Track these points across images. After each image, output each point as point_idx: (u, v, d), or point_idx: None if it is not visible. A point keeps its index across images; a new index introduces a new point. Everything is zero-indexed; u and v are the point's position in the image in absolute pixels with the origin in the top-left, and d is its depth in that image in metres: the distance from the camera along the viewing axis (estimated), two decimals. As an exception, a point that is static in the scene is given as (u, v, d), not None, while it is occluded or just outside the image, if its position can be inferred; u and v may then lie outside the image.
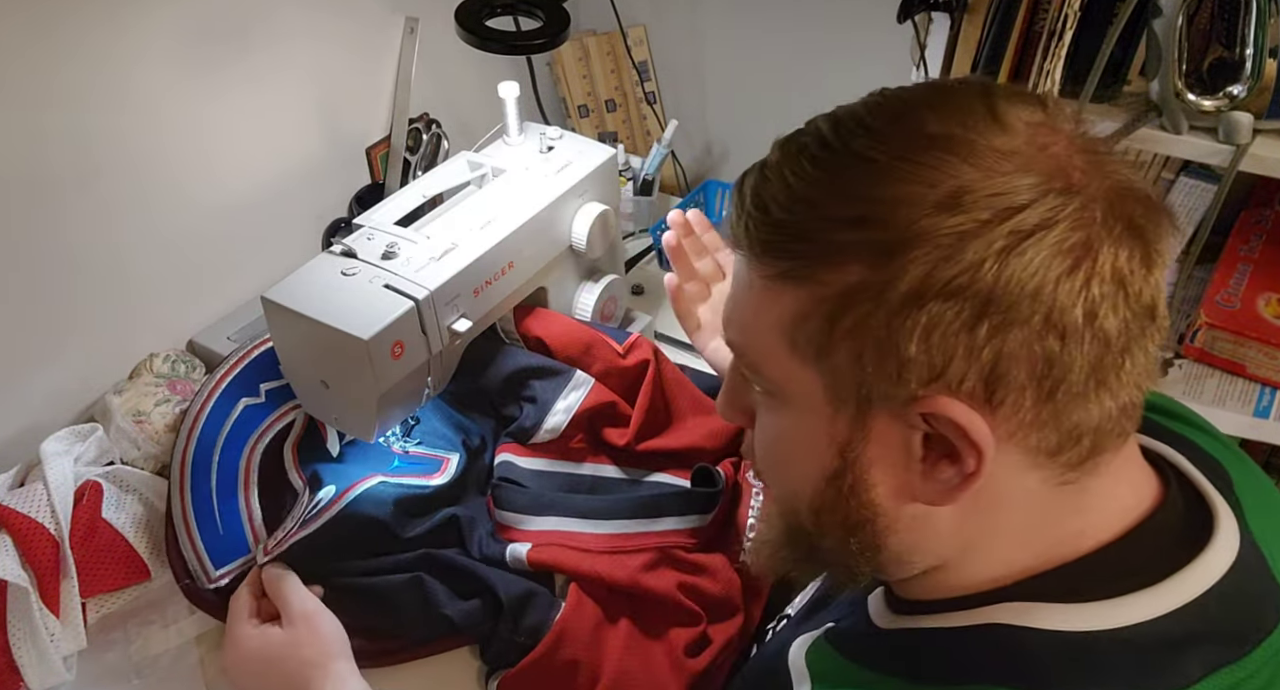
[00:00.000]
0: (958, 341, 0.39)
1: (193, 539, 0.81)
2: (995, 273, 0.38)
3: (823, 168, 0.42)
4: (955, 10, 0.99)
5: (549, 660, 0.74)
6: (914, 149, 0.40)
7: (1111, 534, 0.45)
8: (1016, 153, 0.40)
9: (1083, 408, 0.41)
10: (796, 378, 0.44)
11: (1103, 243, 0.39)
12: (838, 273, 0.41)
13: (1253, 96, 0.93)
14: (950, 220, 0.38)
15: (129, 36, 0.87)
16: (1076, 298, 0.38)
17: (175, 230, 0.98)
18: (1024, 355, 0.39)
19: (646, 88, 1.47)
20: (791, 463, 0.48)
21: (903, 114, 0.42)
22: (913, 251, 0.39)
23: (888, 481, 0.44)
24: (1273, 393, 1.09)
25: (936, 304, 0.39)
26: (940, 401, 0.40)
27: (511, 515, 0.84)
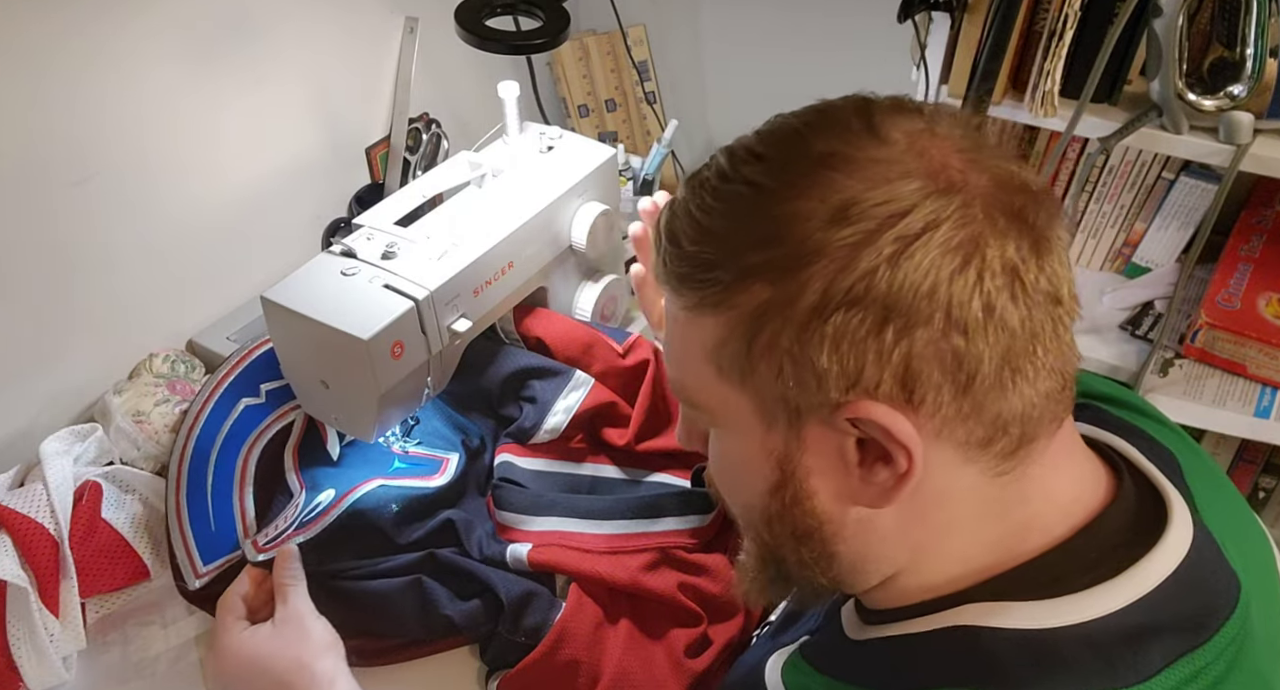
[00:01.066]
0: (866, 347, 0.40)
1: (184, 535, 0.81)
2: (889, 278, 0.39)
3: (721, 199, 0.44)
4: (955, 10, 0.99)
5: (549, 660, 0.74)
6: (800, 170, 0.42)
7: (1064, 528, 0.46)
8: (895, 161, 0.41)
9: (1002, 398, 0.42)
10: (727, 401, 0.46)
11: (988, 237, 0.40)
12: (746, 295, 0.42)
13: (1253, 96, 0.93)
14: (841, 232, 0.40)
15: (128, 36, 0.87)
16: (971, 293, 0.40)
17: (175, 230, 0.98)
18: (932, 354, 0.40)
19: (646, 88, 1.47)
20: (739, 481, 0.50)
21: (788, 138, 0.44)
22: (811, 266, 0.40)
23: (827, 488, 0.46)
24: (1273, 393, 1.09)
25: (839, 314, 0.40)
26: (862, 406, 0.41)
27: (512, 516, 0.84)
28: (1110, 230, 1.22)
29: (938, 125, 0.43)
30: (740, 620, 0.80)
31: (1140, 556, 0.44)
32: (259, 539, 0.80)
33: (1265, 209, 1.20)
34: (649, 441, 0.89)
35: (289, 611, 0.73)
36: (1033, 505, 0.45)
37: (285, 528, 0.81)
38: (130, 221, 0.94)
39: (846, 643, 0.52)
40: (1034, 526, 0.46)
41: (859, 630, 0.51)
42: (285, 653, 0.71)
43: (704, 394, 0.47)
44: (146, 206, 0.95)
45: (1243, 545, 0.50)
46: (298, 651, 0.71)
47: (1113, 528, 0.46)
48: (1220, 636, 0.43)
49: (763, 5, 1.33)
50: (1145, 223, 1.20)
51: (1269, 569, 0.51)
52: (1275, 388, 1.09)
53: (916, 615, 0.47)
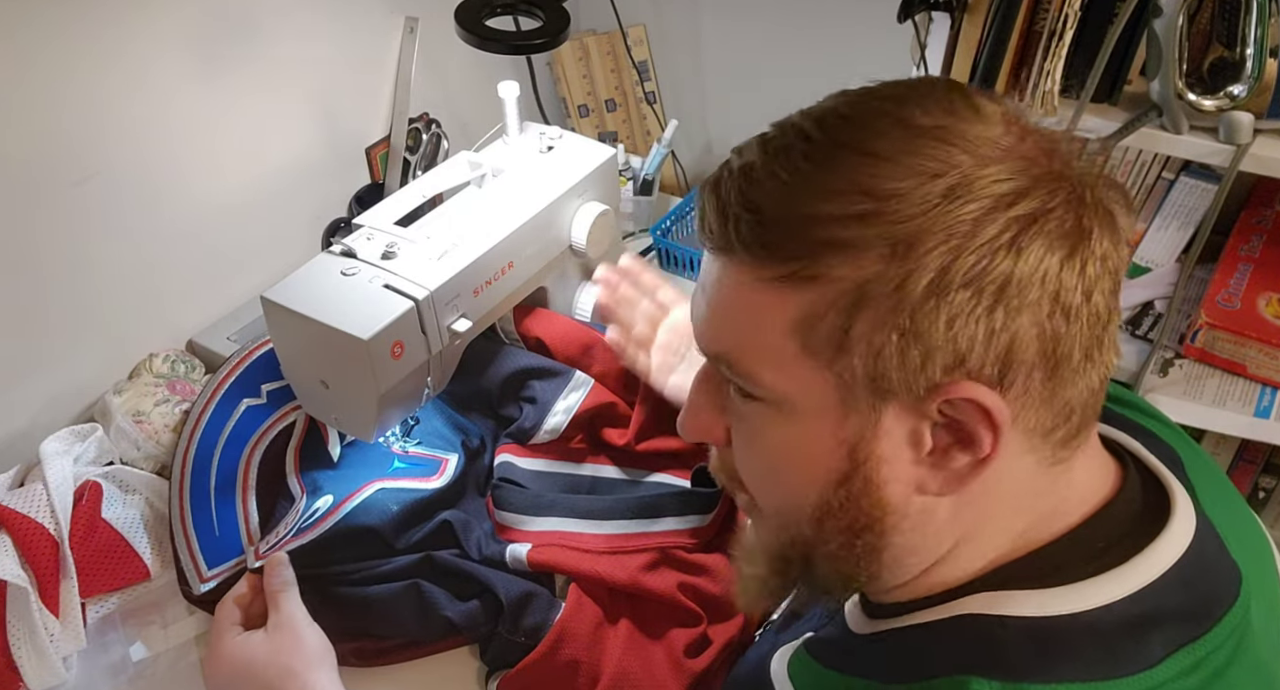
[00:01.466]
0: (979, 327, 0.40)
1: (188, 538, 0.81)
2: (1008, 259, 0.39)
3: (817, 163, 0.42)
4: (955, 10, 0.99)
5: (549, 660, 0.74)
6: (910, 140, 0.41)
7: (1079, 516, 0.46)
8: (1001, 143, 0.41)
9: (1074, 384, 0.42)
10: (805, 381, 0.43)
11: (1093, 226, 0.41)
12: (850, 268, 0.40)
13: (1253, 96, 0.93)
14: (960, 209, 0.39)
15: (129, 37, 0.87)
16: (1077, 279, 0.40)
17: (175, 230, 0.98)
18: (1034, 336, 0.40)
19: (646, 88, 1.47)
20: (792, 472, 0.47)
21: (885, 109, 0.43)
22: (928, 242, 0.39)
23: (897, 476, 0.44)
24: (1273, 393, 1.09)
25: (958, 293, 0.39)
26: (964, 386, 0.41)
27: (511, 516, 0.84)
28: (1110, 230, 1.22)
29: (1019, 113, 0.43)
30: (740, 620, 0.80)
31: (1144, 546, 0.45)
32: (260, 546, 0.80)
33: (1265, 209, 1.20)
34: (649, 441, 0.89)
35: (281, 618, 0.73)
36: (1061, 494, 0.46)
37: (285, 534, 0.81)
38: (131, 221, 0.94)
39: (853, 637, 0.52)
40: (1057, 514, 0.46)
41: (865, 625, 0.51)
42: (276, 660, 0.70)
43: (773, 374, 0.44)
44: (147, 206, 0.95)
45: (1242, 540, 0.50)
46: (289, 659, 0.70)
47: (1119, 518, 0.46)
48: (1221, 627, 0.44)
49: (763, 5, 1.33)
50: (1145, 223, 1.20)
51: (1268, 565, 0.52)
52: (1275, 388, 1.09)
53: (926, 607, 0.47)
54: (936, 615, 0.46)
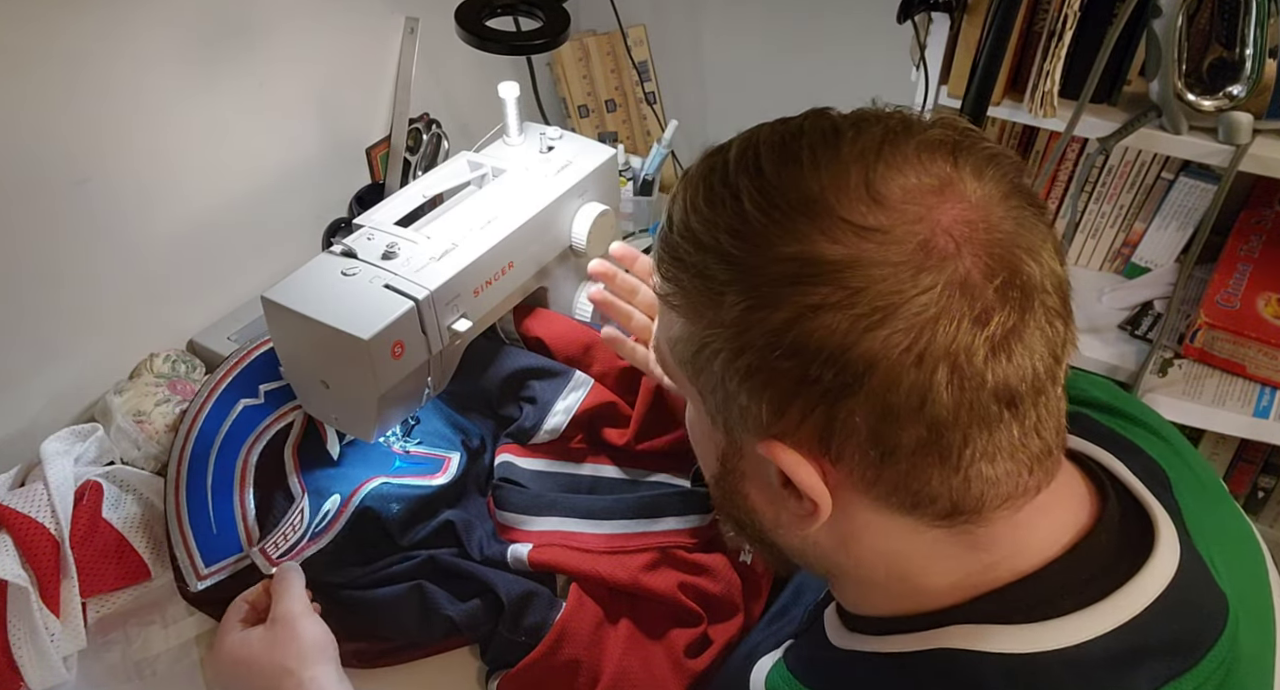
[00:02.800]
0: (792, 399, 0.41)
1: (185, 537, 0.81)
2: (832, 344, 0.39)
3: (711, 205, 0.43)
4: (955, 10, 0.99)
5: (549, 660, 0.74)
6: (785, 209, 0.41)
7: (1041, 559, 0.45)
8: (878, 230, 0.39)
9: (923, 479, 0.41)
10: (687, 388, 0.48)
11: (941, 324, 0.38)
12: (705, 308, 0.43)
13: (1252, 96, 0.94)
14: (800, 289, 0.39)
15: (128, 37, 0.87)
16: (904, 378, 0.39)
17: (175, 230, 0.98)
18: (853, 424, 0.40)
19: (646, 88, 1.47)
20: (699, 451, 0.53)
21: (791, 161, 0.42)
22: (762, 310, 0.40)
23: (757, 495, 0.48)
24: (1273, 393, 1.09)
25: (772, 362, 0.40)
26: (774, 448, 0.42)
27: (512, 516, 0.84)
28: (1110, 230, 1.22)
29: (959, 182, 0.41)
30: (740, 620, 0.80)
31: (1126, 580, 0.44)
32: (269, 550, 0.80)
33: (1264, 209, 1.20)
34: (649, 441, 0.89)
35: (278, 612, 0.72)
36: (994, 552, 0.45)
37: (297, 539, 0.81)
38: (131, 221, 0.94)
39: (830, 651, 0.51)
40: (999, 566, 0.45)
41: (842, 637, 0.51)
42: (272, 657, 0.69)
43: (671, 372, 0.49)
44: (147, 206, 0.95)
45: (1233, 561, 0.49)
46: (283, 656, 0.69)
47: (1098, 551, 0.45)
48: (1208, 660, 0.43)
49: (763, 5, 1.33)
50: (1145, 223, 1.20)
51: (1260, 584, 0.50)
52: (1274, 387, 1.09)
53: (899, 631, 0.47)
54: (914, 645, 0.46)
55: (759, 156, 0.43)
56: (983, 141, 0.43)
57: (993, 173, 0.41)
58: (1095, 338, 1.16)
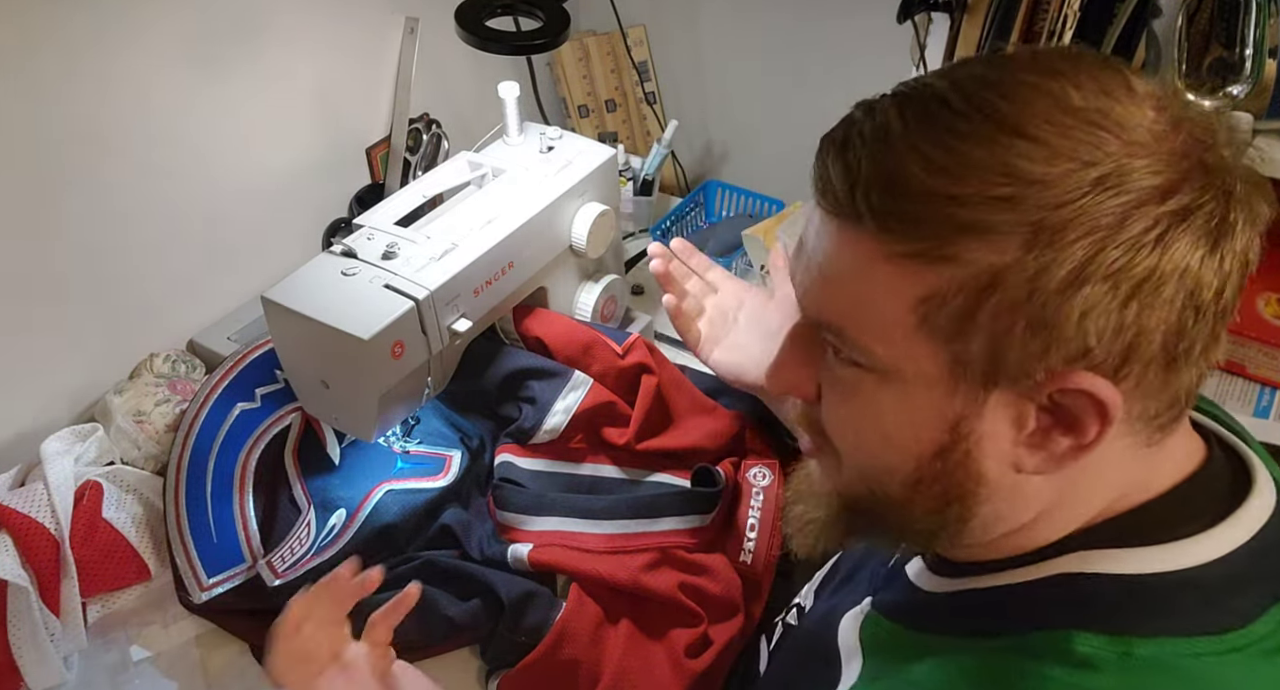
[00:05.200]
0: (1109, 321, 0.39)
1: (185, 546, 0.81)
2: (1152, 255, 0.38)
3: (961, 137, 0.40)
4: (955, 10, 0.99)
5: (549, 660, 0.74)
6: (1062, 121, 0.39)
7: (1168, 484, 0.46)
8: (1156, 132, 0.40)
9: (1189, 374, 0.42)
10: (915, 355, 0.43)
11: (1237, 225, 0.40)
12: (987, 252, 0.39)
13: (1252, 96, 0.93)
14: (1109, 201, 0.38)
15: (129, 37, 0.87)
16: (1214, 276, 0.40)
17: (175, 230, 0.98)
18: (1163, 330, 0.40)
19: (646, 88, 1.47)
20: (890, 438, 0.46)
21: (1040, 84, 0.40)
22: (1072, 232, 0.38)
23: (996, 454, 0.44)
24: (1273, 393, 1.09)
25: (1096, 286, 0.39)
26: (1082, 377, 0.40)
27: (512, 516, 0.84)
28: (1110, 230, 1.22)
29: (1172, 98, 0.41)
30: (740, 620, 0.80)
31: (1232, 511, 0.45)
32: (275, 563, 0.80)
33: (1265, 209, 1.20)
34: (648, 441, 0.89)
35: None
36: (1153, 468, 0.46)
37: (304, 552, 0.81)
38: (131, 221, 0.94)
39: (929, 597, 0.52)
40: (1147, 484, 0.46)
41: (939, 584, 0.51)
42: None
43: (886, 347, 0.43)
44: (147, 206, 0.95)
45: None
46: None
47: (1207, 485, 0.47)
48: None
49: (763, 5, 1.33)
50: (1145, 223, 1.20)
51: None
52: (1274, 387, 1.09)
53: (1015, 566, 0.47)
54: (1027, 575, 0.47)
55: (992, 83, 0.41)
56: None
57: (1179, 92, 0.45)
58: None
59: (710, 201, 1.32)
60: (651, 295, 1.19)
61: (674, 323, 0.86)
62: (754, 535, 0.83)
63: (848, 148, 0.42)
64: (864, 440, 0.48)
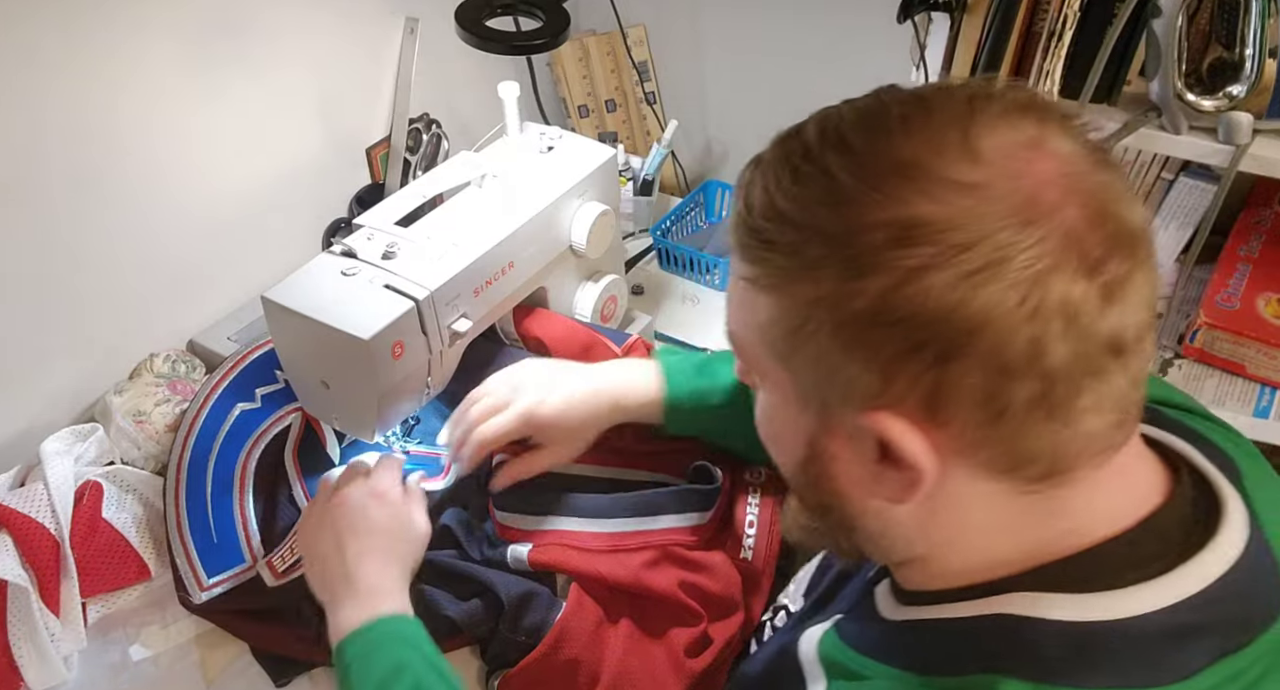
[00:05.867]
0: (900, 366, 0.40)
1: (186, 546, 0.81)
2: (940, 306, 0.39)
3: (799, 182, 0.43)
4: (955, 10, 0.99)
5: (549, 660, 0.74)
6: (879, 175, 0.41)
7: (1112, 530, 0.45)
8: (980, 186, 0.39)
9: (1031, 436, 0.41)
10: (773, 373, 0.47)
11: (1055, 276, 0.38)
12: (802, 285, 0.42)
13: (1252, 96, 0.93)
14: (903, 253, 0.39)
15: (129, 37, 0.87)
16: (1019, 334, 0.38)
17: (175, 230, 0.98)
18: (965, 385, 0.40)
19: (646, 88, 1.47)
20: (778, 442, 0.51)
21: (880, 131, 0.42)
22: (866, 278, 0.40)
23: (848, 475, 0.47)
24: (1273, 393, 1.09)
25: (881, 330, 0.40)
26: (879, 418, 0.42)
27: (512, 516, 0.84)
28: (1110, 230, 1.22)
29: (1047, 138, 0.41)
30: (740, 619, 0.80)
31: (1191, 556, 0.44)
32: (276, 563, 0.80)
33: (1264, 209, 1.20)
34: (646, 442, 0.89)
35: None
36: (1071, 518, 0.45)
37: None
38: (131, 221, 0.94)
39: (883, 623, 0.52)
40: (1077, 533, 0.45)
41: (895, 611, 0.51)
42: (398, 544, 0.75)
43: (753, 359, 0.48)
44: (147, 206, 0.95)
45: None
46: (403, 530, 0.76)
47: (1165, 528, 0.45)
48: (1261, 642, 0.43)
49: (763, 5, 1.33)
50: (1145, 223, 1.20)
51: None
52: (1274, 388, 1.09)
53: (957, 599, 0.47)
54: (972, 611, 0.46)
55: (842, 133, 0.43)
56: (1058, 103, 0.44)
57: (1073, 129, 0.42)
58: (1095, 338, 1.16)
59: (710, 201, 1.32)
60: (651, 295, 1.19)
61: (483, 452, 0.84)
62: (753, 532, 0.83)
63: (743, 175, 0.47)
64: (766, 439, 0.53)
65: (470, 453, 0.82)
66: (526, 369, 0.85)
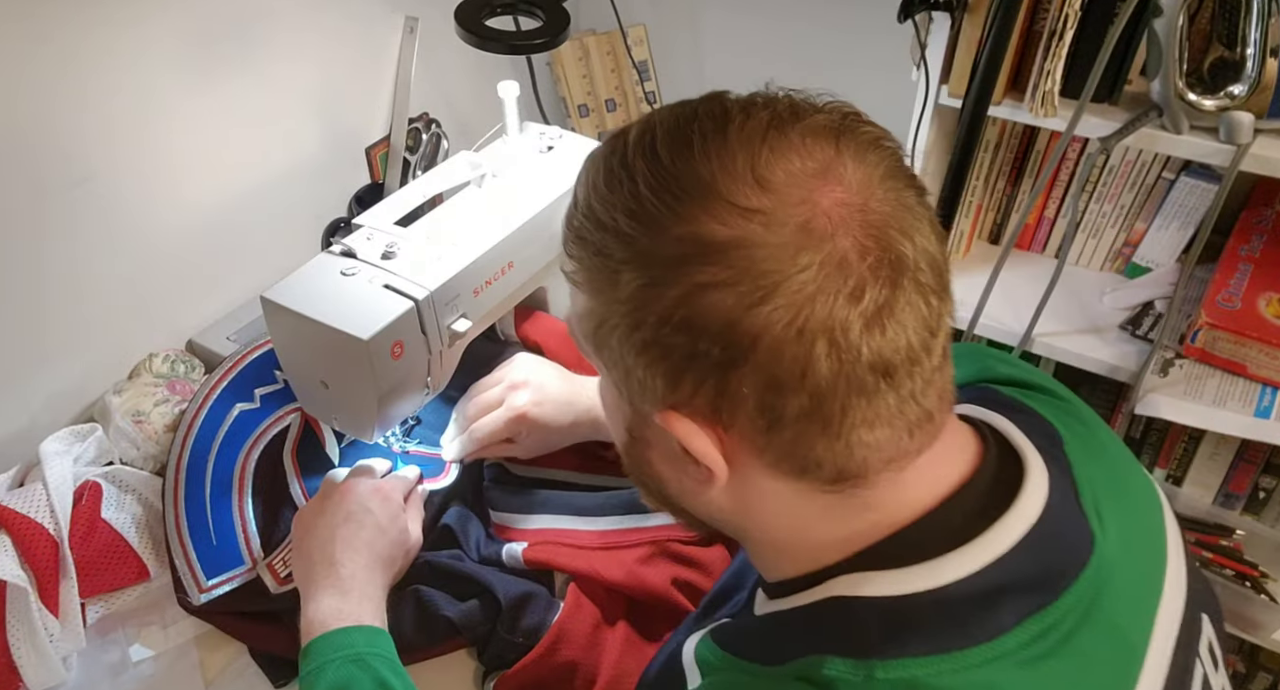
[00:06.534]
0: (683, 373, 0.43)
1: (185, 547, 0.81)
2: (721, 319, 0.41)
3: (610, 186, 0.45)
4: (955, 10, 0.99)
5: (546, 661, 0.74)
6: (677, 193, 0.43)
7: (919, 509, 0.47)
8: (763, 211, 0.42)
9: (806, 446, 0.44)
10: (594, 362, 0.50)
11: (819, 300, 0.41)
12: (605, 286, 0.45)
13: (1253, 96, 0.93)
14: (691, 269, 0.42)
15: (129, 37, 0.87)
16: (786, 351, 0.41)
17: (175, 230, 0.98)
18: (742, 393, 0.43)
19: (646, 88, 1.47)
20: (610, 423, 0.55)
21: (685, 147, 0.44)
22: (659, 287, 0.43)
23: (661, 463, 0.51)
24: (1273, 393, 1.09)
25: (666, 337, 0.43)
26: (669, 418, 0.45)
27: (507, 515, 0.84)
28: (1110, 230, 1.22)
29: (840, 166, 0.43)
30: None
31: (994, 522, 0.46)
32: (277, 566, 0.80)
33: (1265, 209, 1.20)
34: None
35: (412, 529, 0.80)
36: (880, 511, 0.47)
37: None
38: (131, 221, 0.94)
39: (752, 619, 0.54)
40: (884, 522, 0.47)
41: (763, 604, 0.53)
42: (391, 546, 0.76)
43: (580, 346, 0.51)
44: (147, 206, 0.95)
45: (1128, 513, 0.51)
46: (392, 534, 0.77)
47: (970, 498, 0.48)
48: (1068, 596, 0.45)
49: (763, 5, 1.33)
50: (1145, 223, 1.20)
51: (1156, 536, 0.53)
52: (1275, 388, 1.09)
53: (800, 589, 0.49)
54: (808, 598, 0.49)
55: (655, 140, 0.45)
56: (865, 125, 0.46)
57: (874, 157, 0.44)
58: (1096, 338, 1.16)
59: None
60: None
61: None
62: None
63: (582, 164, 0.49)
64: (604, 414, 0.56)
65: (465, 450, 0.86)
66: (528, 367, 0.87)
